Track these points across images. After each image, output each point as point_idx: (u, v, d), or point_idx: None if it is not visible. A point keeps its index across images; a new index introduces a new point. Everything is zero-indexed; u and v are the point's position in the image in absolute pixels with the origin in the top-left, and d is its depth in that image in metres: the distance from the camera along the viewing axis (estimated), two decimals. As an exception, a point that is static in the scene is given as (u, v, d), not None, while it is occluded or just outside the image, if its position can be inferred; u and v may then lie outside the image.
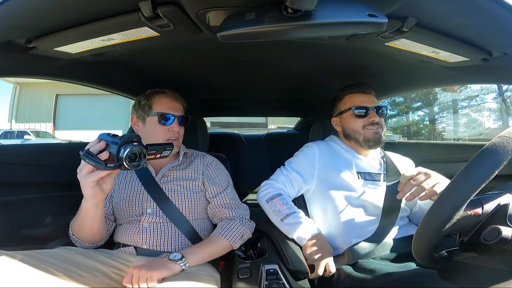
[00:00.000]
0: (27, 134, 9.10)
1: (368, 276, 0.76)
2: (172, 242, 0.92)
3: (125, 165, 0.61)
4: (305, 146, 1.12)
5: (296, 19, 0.52)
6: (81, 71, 1.02)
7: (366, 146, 1.02)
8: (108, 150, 0.63)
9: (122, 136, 0.65)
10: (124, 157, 0.61)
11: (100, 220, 0.81)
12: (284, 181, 1.05)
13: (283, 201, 0.99)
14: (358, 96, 1.04)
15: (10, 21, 0.65)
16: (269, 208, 0.99)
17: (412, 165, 1.10)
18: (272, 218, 0.98)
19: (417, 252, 0.53)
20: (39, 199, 1.03)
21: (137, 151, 0.63)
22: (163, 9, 0.60)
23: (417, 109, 10.33)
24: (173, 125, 0.98)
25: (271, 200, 1.00)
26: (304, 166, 1.05)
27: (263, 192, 1.04)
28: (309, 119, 2.24)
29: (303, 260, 0.88)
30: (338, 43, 0.84)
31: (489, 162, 0.44)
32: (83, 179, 0.66)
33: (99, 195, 0.70)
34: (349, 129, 1.04)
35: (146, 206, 0.93)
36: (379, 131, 1.01)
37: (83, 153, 0.63)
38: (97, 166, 0.62)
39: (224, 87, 1.53)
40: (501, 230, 0.43)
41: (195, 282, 0.73)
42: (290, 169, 1.07)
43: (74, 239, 0.85)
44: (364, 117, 1.01)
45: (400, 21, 0.65)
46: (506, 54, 0.77)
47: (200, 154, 1.10)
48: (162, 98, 1.00)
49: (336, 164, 1.02)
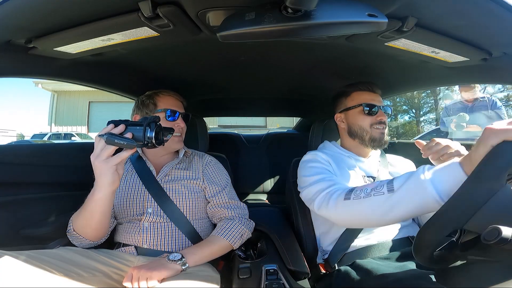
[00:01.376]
0: (73, 136, 10.11)
1: (366, 276, 0.76)
2: (172, 242, 0.92)
3: (153, 142, 0.68)
4: (308, 158, 1.00)
5: (296, 19, 0.52)
6: (81, 71, 1.02)
7: (370, 146, 1.00)
8: (130, 131, 0.68)
9: (145, 118, 0.71)
10: (153, 136, 0.68)
11: (109, 212, 0.80)
12: (324, 174, 0.88)
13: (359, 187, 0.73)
14: (367, 94, 1.02)
15: (10, 21, 0.65)
16: (355, 203, 0.69)
17: (413, 167, 1.09)
18: (375, 204, 0.65)
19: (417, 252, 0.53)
20: (39, 199, 1.03)
21: (159, 130, 0.71)
22: (163, 9, 0.60)
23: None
24: (179, 121, 1.01)
25: (348, 193, 0.72)
26: (324, 169, 0.94)
27: (320, 202, 0.80)
28: (309, 119, 2.24)
29: (303, 260, 0.88)
30: (338, 43, 0.84)
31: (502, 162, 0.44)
32: (103, 163, 0.68)
33: (116, 181, 0.71)
34: (356, 126, 1.01)
35: (147, 206, 0.94)
36: (384, 132, 0.99)
37: (108, 136, 0.66)
38: (129, 145, 0.67)
39: (224, 87, 1.53)
40: (501, 230, 0.43)
41: (195, 282, 0.73)
42: (314, 170, 0.92)
43: (75, 235, 0.82)
44: (372, 115, 0.99)
45: (400, 21, 0.65)
46: (506, 54, 0.77)
47: (199, 154, 1.12)
48: (166, 96, 1.04)
49: (344, 169, 0.98)
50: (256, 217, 1.03)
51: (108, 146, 0.68)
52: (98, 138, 0.69)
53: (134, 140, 0.67)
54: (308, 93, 1.65)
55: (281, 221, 1.19)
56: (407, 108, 10.81)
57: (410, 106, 10.70)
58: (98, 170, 0.69)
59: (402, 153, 1.15)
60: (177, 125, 1.01)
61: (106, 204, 0.76)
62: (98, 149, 0.68)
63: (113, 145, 0.67)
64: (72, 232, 0.83)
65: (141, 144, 0.68)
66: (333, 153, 1.05)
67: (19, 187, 1.00)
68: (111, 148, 0.68)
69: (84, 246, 0.85)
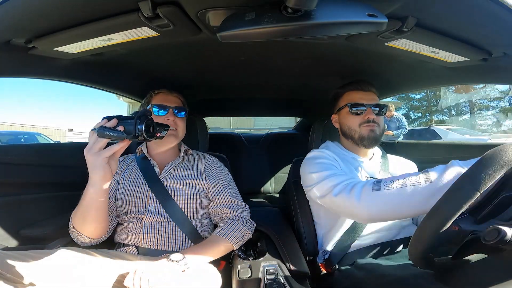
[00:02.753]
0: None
1: (366, 276, 0.76)
2: (173, 241, 0.92)
3: (144, 135, 0.69)
4: (314, 155, 0.98)
5: (296, 19, 0.52)
6: (81, 71, 1.02)
7: (361, 145, 0.99)
8: (121, 125, 0.69)
9: (136, 112, 0.73)
10: (142, 129, 0.69)
11: (104, 209, 0.80)
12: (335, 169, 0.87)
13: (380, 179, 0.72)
14: (355, 93, 1.01)
15: (10, 21, 0.65)
16: (383, 195, 0.68)
17: (414, 168, 1.08)
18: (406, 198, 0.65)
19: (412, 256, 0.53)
20: (39, 199, 1.03)
21: (150, 123, 0.71)
22: (163, 9, 0.60)
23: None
24: (168, 115, 1.01)
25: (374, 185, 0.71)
26: (332, 165, 0.92)
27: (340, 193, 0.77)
28: (309, 119, 2.24)
29: (303, 260, 0.88)
30: (338, 43, 0.84)
31: (493, 166, 0.44)
32: (95, 156, 0.68)
33: (108, 175, 0.71)
34: (346, 127, 1.02)
35: (149, 204, 0.94)
36: (375, 129, 0.97)
37: (99, 129, 0.68)
38: (118, 136, 0.68)
39: (224, 87, 1.53)
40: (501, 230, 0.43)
41: (196, 282, 0.73)
42: (323, 166, 0.90)
43: (75, 233, 0.82)
44: (360, 114, 0.98)
45: (400, 21, 0.65)
46: (506, 54, 0.77)
47: (200, 154, 1.13)
48: (159, 94, 1.05)
49: (350, 168, 0.96)
50: (256, 217, 1.03)
51: (100, 139, 0.69)
52: (91, 132, 0.70)
53: (124, 133, 0.67)
54: (308, 93, 1.65)
55: (281, 221, 1.19)
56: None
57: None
58: (90, 163, 0.70)
59: (403, 154, 1.15)
60: (167, 119, 1.00)
61: (100, 200, 0.76)
62: (90, 142, 0.70)
63: (104, 137, 0.68)
64: (72, 229, 0.83)
65: (131, 136, 0.69)
66: (337, 152, 1.04)
67: (19, 187, 1.00)
68: (102, 141, 0.69)
69: (84, 244, 0.85)
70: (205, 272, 0.80)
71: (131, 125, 0.69)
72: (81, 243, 0.85)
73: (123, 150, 0.73)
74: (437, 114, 15.12)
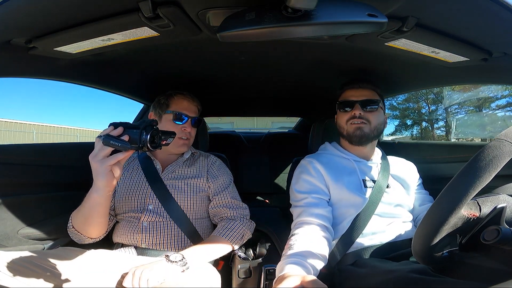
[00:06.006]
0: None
1: (370, 272, 0.75)
2: (172, 241, 0.92)
3: (148, 146, 0.67)
4: (302, 168, 1.00)
5: (296, 19, 0.52)
6: (81, 71, 1.02)
7: (352, 143, 1.00)
8: (127, 134, 0.69)
9: (143, 121, 0.71)
10: (147, 140, 0.68)
11: (106, 213, 0.80)
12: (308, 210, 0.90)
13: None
14: (348, 92, 1.02)
15: (10, 21, 0.65)
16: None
17: (415, 169, 1.08)
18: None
19: (416, 251, 0.53)
20: (39, 199, 1.03)
21: (155, 134, 0.70)
22: (163, 9, 0.60)
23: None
24: (186, 125, 1.01)
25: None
26: (314, 185, 0.95)
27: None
28: (309, 119, 2.24)
29: None
30: (338, 43, 0.83)
31: (488, 163, 0.44)
32: (99, 163, 0.68)
33: (111, 183, 0.71)
34: (338, 125, 1.04)
35: (148, 202, 0.94)
36: (362, 127, 0.96)
37: (104, 137, 0.67)
38: (123, 147, 0.67)
39: (224, 87, 1.53)
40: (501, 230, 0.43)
41: (195, 282, 0.73)
42: (304, 187, 0.95)
43: (74, 232, 0.83)
44: (348, 111, 0.99)
45: (400, 21, 0.65)
46: (506, 54, 0.77)
47: (203, 154, 1.13)
48: (180, 99, 1.03)
49: (341, 175, 0.96)
50: (256, 217, 1.03)
51: (105, 147, 0.68)
52: (97, 139, 0.70)
53: (129, 143, 0.67)
54: (308, 93, 1.65)
55: (281, 221, 1.19)
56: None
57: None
58: (94, 169, 0.70)
59: (403, 154, 1.15)
60: (183, 129, 1.00)
61: (103, 206, 0.76)
62: (96, 149, 0.69)
63: (109, 146, 0.68)
64: (71, 229, 0.84)
65: (136, 146, 0.68)
66: (332, 156, 1.03)
67: (19, 187, 1.00)
68: (107, 149, 0.68)
69: (82, 242, 0.85)
70: (205, 273, 0.80)
71: (136, 135, 0.68)
72: (79, 241, 0.85)
73: (127, 158, 0.72)
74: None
